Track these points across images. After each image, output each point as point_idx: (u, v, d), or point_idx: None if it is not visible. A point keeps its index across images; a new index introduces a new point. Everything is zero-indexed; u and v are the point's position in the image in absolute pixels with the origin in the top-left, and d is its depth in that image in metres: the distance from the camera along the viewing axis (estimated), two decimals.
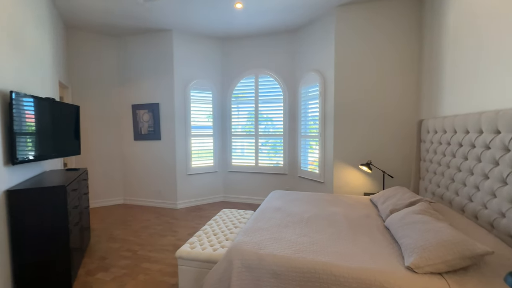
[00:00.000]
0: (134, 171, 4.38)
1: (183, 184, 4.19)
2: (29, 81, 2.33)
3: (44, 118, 2.30)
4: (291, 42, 4.08)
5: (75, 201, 2.25)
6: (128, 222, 3.55)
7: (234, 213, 2.72)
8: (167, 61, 4.05)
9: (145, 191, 4.34)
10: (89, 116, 4.14)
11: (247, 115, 4.42)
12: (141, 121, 4.26)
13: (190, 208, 4.17)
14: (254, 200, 4.41)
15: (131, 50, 4.25)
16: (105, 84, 4.25)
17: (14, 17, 2.05)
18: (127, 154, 4.41)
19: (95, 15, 3.48)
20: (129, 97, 4.31)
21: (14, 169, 1.98)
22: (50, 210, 1.93)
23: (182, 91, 4.13)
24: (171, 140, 4.12)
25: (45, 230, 1.92)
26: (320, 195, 2.82)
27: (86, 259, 2.52)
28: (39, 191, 1.90)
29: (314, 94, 3.70)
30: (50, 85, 2.99)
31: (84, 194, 2.69)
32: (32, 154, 2.09)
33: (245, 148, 4.49)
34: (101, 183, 4.28)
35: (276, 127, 4.30)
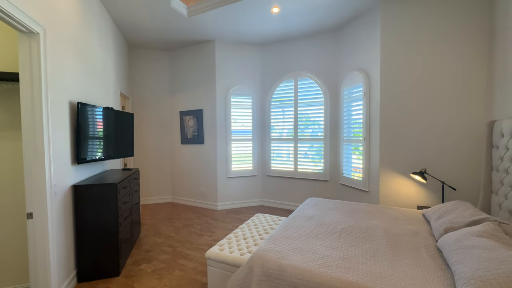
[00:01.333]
0: (181, 172, 4.74)
1: (223, 187, 4.35)
2: (95, 94, 2.75)
3: (104, 124, 2.68)
4: (331, 42, 3.87)
5: (125, 198, 2.55)
6: (173, 219, 3.85)
7: (268, 219, 2.68)
8: (210, 69, 4.29)
9: (190, 192, 4.65)
10: (145, 122, 4.68)
11: (286, 119, 4.35)
12: (187, 126, 4.60)
13: (229, 210, 4.29)
14: (292, 207, 4.29)
15: (180, 62, 4.66)
16: (158, 93, 4.75)
17: (83, 41, 2.47)
18: (175, 157, 4.81)
19: (150, 33, 3.93)
20: (178, 104, 4.72)
21: (80, 168, 2.35)
22: (104, 204, 2.22)
23: (223, 97, 4.31)
24: (213, 144, 4.33)
25: (100, 221, 2.22)
26: (361, 205, 2.56)
27: (134, 250, 2.82)
28: (95, 187, 2.21)
29: (357, 95, 3.42)
30: (113, 96, 3.49)
31: (135, 192, 3.02)
32: (93, 155, 2.45)
33: (284, 152, 4.41)
34: (153, 182, 4.76)
35: (316, 131, 4.11)
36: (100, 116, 2.60)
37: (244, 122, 4.49)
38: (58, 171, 1.92)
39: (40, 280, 1.75)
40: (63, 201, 2.00)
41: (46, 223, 1.75)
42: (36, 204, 1.72)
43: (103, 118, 2.66)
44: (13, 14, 1.43)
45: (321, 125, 4.05)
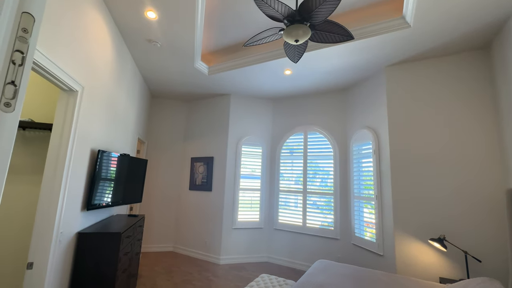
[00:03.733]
0: (186, 219, 4.62)
1: (228, 238, 4.15)
2: (114, 141, 2.92)
3: (119, 170, 2.77)
4: (340, 100, 4.11)
5: (127, 248, 2.46)
6: (172, 272, 3.60)
7: (273, 281, 2.47)
8: (224, 120, 4.54)
9: (193, 241, 4.45)
10: (156, 166, 4.79)
11: (295, 171, 4.35)
12: (196, 172, 4.66)
13: (232, 265, 4.01)
14: (300, 266, 3.97)
15: (196, 112, 4.98)
16: (173, 139, 4.97)
17: (113, 95, 2.74)
18: (181, 202, 4.76)
19: (173, 87, 4.33)
20: (190, 150, 4.87)
21: (88, 214, 2.35)
22: (104, 254, 2.15)
23: (235, 146, 4.45)
24: (221, 192, 4.30)
25: (98, 272, 2.11)
26: (377, 273, 2.35)
27: None
28: (98, 236, 2.17)
29: (367, 152, 3.46)
30: (131, 142, 3.67)
31: (138, 241, 2.93)
32: (102, 201, 2.47)
33: (293, 204, 4.30)
34: (156, 228, 4.63)
35: (326, 185, 4.05)
36: (116, 163, 2.71)
37: (254, 171, 4.52)
38: (67, 219, 1.93)
39: None
40: (65, 249, 1.95)
41: (45, 275, 1.68)
42: (39, 253, 1.69)
43: (118, 164, 2.76)
44: (59, 76, 1.65)
45: (330, 178, 4.01)
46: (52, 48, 1.55)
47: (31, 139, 2.06)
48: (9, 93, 0.37)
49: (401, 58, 2.99)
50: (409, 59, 3.00)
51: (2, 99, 0.36)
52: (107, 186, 2.54)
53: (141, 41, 2.93)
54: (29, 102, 2.09)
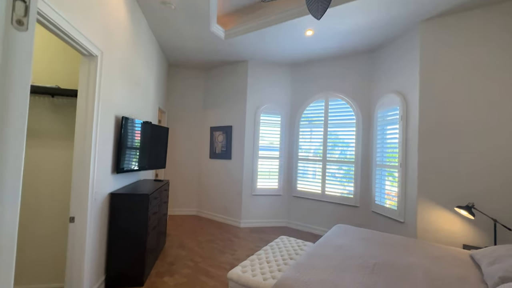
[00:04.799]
0: (207, 186, 4.84)
1: (247, 204, 4.32)
2: (136, 108, 2.99)
3: (143, 137, 2.87)
4: (365, 63, 3.81)
5: (155, 208, 2.65)
6: (197, 233, 3.88)
7: (292, 243, 2.57)
8: (242, 88, 4.44)
9: (215, 206, 4.69)
10: (178, 136, 4.92)
11: (315, 139, 4.27)
12: (216, 141, 4.74)
13: (252, 228, 4.22)
14: (318, 231, 4.09)
15: (213, 81, 4.91)
16: (192, 109, 5.01)
17: (131, 61, 2.73)
18: (202, 171, 4.94)
19: (190, 54, 4.24)
20: (209, 120, 4.91)
21: (117, 177, 2.51)
22: (135, 214, 2.33)
23: (253, 115, 4.40)
24: (240, 160, 4.38)
25: (130, 229, 2.31)
26: (397, 238, 2.35)
27: (159, 261, 2.87)
28: (129, 196, 2.33)
29: (393, 118, 3.26)
30: (152, 111, 3.75)
31: (164, 203, 3.13)
32: (130, 166, 2.62)
33: (311, 173, 4.30)
34: (180, 194, 4.91)
35: (347, 153, 3.96)
36: (139, 129, 2.80)
37: (272, 140, 4.50)
38: (99, 179, 2.07)
39: (74, 281, 1.84)
40: (101, 207, 2.13)
41: (85, 227, 1.87)
42: (78, 209, 1.86)
43: (141, 131, 2.85)
44: (78, 39, 1.65)
45: (351, 147, 3.90)
46: (70, 11, 1.52)
47: (60, 106, 2.15)
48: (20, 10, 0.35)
49: (441, 10, 2.63)
50: (451, 10, 2.63)
51: (14, 16, 0.34)
52: (132, 151, 2.66)
53: (155, 3, 2.81)
54: (55, 69, 2.14)
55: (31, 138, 2.10)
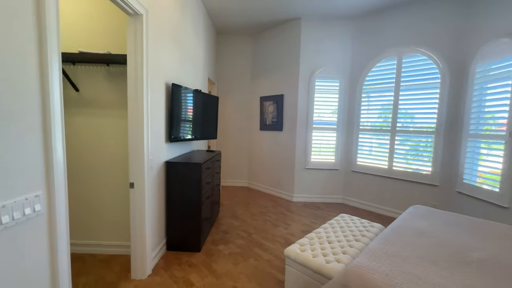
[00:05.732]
0: (258, 158, 4.73)
1: (300, 178, 4.07)
2: (186, 77, 2.90)
3: (193, 106, 2.80)
4: (457, 2, 2.88)
5: (208, 178, 2.62)
6: (249, 204, 3.87)
7: (356, 222, 2.26)
8: (294, 51, 3.98)
9: (266, 179, 4.59)
10: (227, 107, 4.84)
11: (382, 106, 3.63)
12: (266, 112, 4.49)
13: (305, 203, 4.00)
14: (381, 210, 3.62)
15: (262, 46, 4.53)
16: (240, 79, 4.80)
17: (178, 26, 2.58)
18: (253, 142, 4.82)
19: (237, 17, 3.91)
20: (258, 89, 4.65)
21: (171, 146, 2.52)
22: (189, 182, 2.32)
23: (307, 81, 3.94)
24: (292, 132, 4.07)
25: (186, 197, 2.33)
26: (499, 226, 1.80)
27: (213, 229, 2.93)
28: (183, 165, 2.31)
29: (500, 72, 2.43)
30: (202, 81, 3.66)
31: (216, 173, 3.11)
32: (183, 135, 2.59)
33: (375, 146, 3.74)
34: (231, 165, 4.95)
35: (423, 122, 3.25)
36: (191, 98, 2.72)
37: (329, 108, 4.02)
38: (154, 148, 2.07)
39: (138, 240, 1.94)
40: (157, 174, 2.16)
41: (144, 193, 1.90)
42: (137, 175, 1.89)
43: (193, 100, 2.77)
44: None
45: (432, 113, 3.17)
46: None
47: (115, 74, 2.16)
48: None
49: None
50: None
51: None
52: (184, 120, 2.61)
53: None
54: (104, 34, 2.13)
55: (89, 107, 2.19)
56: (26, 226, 0.94)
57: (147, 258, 1.96)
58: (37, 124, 0.98)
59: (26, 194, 0.94)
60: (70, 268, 1.16)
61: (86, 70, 2.17)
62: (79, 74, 2.17)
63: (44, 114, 1.00)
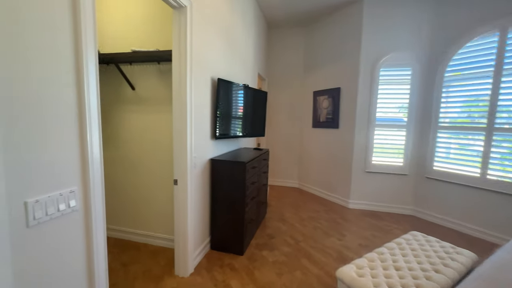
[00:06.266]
0: (310, 158, 4.39)
1: (359, 182, 3.58)
2: (234, 73, 2.81)
3: (240, 101, 2.69)
4: None
5: (253, 178, 2.47)
6: (298, 207, 3.59)
7: (434, 245, 1.77)
8: (353, 38, 3.49)
9: (318, 180, 4.23)
10: (277, 103, 4.63)
11: (471, 98, 2.85)
12: (320, 107, 4.11)
13: (364, 211, 3.50)
14: (466, 229, 2.86)
15: (316, 37, 4.14)
16: (291, 73, 4.52)
17: (225, 18, 2.49)
18: (304, 141, 4.50)
19: (285, 5, 3.65)
20: (311, 83, 4.29)
21: (217, 143, 2.46)
22: (233, 182, 2.21)
23: (369, 72, 3.41)
24: (350, 130, 3.60)
25: (230, 197, 2.23)
26: None
27: (259, 231, 2.78)
28: (227, 163, 2.22)
29: None
30: (251, 77, 3.55)
31: (263, 173, 2.95)
32: (229, 132, 2.50)
33: (461, 147, 2.98)
34: (281, 164, 4.73)
35: None
36: (237, 93, 2.61)
37: (397, 102, 3.39)
38: (198, 144, 2.02)
39: (180, 237, 1.92)
40: (201, 172, 2.12)
41: (186, 190, 1.87)
42: (180, 172, 1.86)
43: (239, 96, 2.67)
44: None
45: None
46: None
47: (165, 72, 2.21)
48: None
49: None
50: None
51: None
52: (230, 117, 2.52)
53: None
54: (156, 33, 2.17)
55: (144, 104, 2.28)
56: (61, 222, 0.94)
57: (189, 256, 1.93)
58: (72, 119, 0.96)
59: (61, 190, 0.93)
60: (107, 266, 1.15)
61: (141, 69, 2.27)
62: (135, 74, 2.29)
63: (79, 110, 0.98)
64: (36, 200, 0.85)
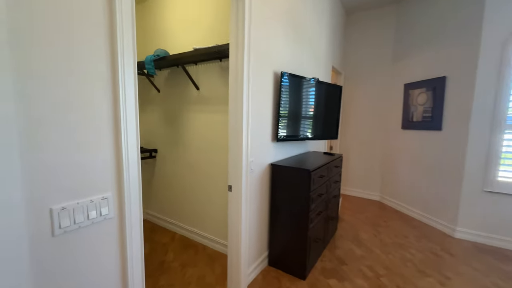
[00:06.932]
0: (397, 166, 3.56)
1: (473, 204, 2.62)
2: (302, 65, 2.46)
3: (308, 98, 2.33)
4: None
5: (321, 189, 2.07)
6: (379, 227, 2.93)
7: None
8: (469, 8, 2.55)
9: (407, 195, 3.37)
10: (354, 100, 3.97)
11: None
12: (413, 104, 3.25)
13: (480, 245, 2.53)
14: None
15: (410, 14, 3.29)
16: (374, 64, 3.78)
17: (294, 10, 2.18)
18: (390, 145, 3.69)
19: None
20: (402, 75, 3.46)
21: (280, 146, 2.18)
22: (295, 192, 1.88)
23: (496, 53, 2.42)
24: (461, 132, 2.67)
25: (291, 209, 1.92)
26: None
27: (327, 251, 2.35)
28: (288, 170, 1.90)
29: None
30: (324, 71, 3.11)
31: (335, 182, 2.49)
32: (294, 133, 2.18)
33: None
34: (357, 171, 4.04)
35: None
36: (305, 89, 2.26)
37: None
38: (256, 147, 1.80)
39: (233, 249, 1.74)
40: (259, 178, 1.89)
41: (240, 198, 1.67)
42: (235, 178, 1.67)
43: (308, 91, 2.31)
44: None
45: None
46: None
47: (226, 69, 2.08)
48: None
49: None
50: None
51: None
52: (296, 116, 2.20)
53: None
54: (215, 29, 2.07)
55: (207, 104, 2.23)
56: (91, 232, 0.86)
57: (242, 272, 1.73)
58: (106, 117, 0.87)
59: (92, 196, 0.85)
60: (143, 282, 1.04)
61: (204, 69, 2.23)
62: (199, 74, 2.27)
63: (115, 109, 0.89)
64: (63, 207, 0.77)
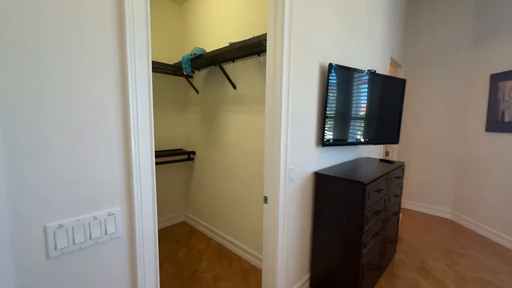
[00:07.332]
0: (479, 177, 2.84)
1: None
2: (354, 57, 2.10)
3: (362, 95, 1.96)
4: None
5: (378, 205, 1.69)
6: (453, 253, 2.34)
7: None
8: None
9: (496, 217, 2.65)
10: (420, 97, 3.34)
11: None
12: (504, 99, 2.53)
13: None
14: None
15: None
16: (447, 52, 3.11)
17: None
18: (469, 150, 2.97)
19: None
20: (487, 62, 2.75)
21: (326, 151, 1.87)
22: (344, 207, 1.56)
23: None
24: None
25: (339, 227, 1.60)
26: None
27: (383, 280, 1.93)
28: (336, 181, 1.59)
29: None
30: (380, 62, 2.65)
31: (395, 197, 2.05)
32: (344, 137, 1.85)
33: None
34: (421, 182, 3.39)
35: None
36: (359, 84, 1.90)
37: None
38: (297, 153, 1.54)
39: (268, 268, 1.51)
40: (301, 189, 1.62)
41: (277, 212, 1.43)
42: (271, 188, 1.45)
43: (362, 87, 1.94)
44: None
45: None
46: None
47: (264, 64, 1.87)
48: None
49: None
50: None
51: None
52: (346, 116, 1.86)
53: None
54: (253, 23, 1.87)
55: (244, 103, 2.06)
56: (94, 253, 0.73)
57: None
58: (113, 121, 0.74)
59: (95, 211, 0.72)
60: None
61: (242, 66, 2.06)
62: (237, 72, 2.12)
63: (124, 110, 0.75)
64: (60, 225, 0.66)
